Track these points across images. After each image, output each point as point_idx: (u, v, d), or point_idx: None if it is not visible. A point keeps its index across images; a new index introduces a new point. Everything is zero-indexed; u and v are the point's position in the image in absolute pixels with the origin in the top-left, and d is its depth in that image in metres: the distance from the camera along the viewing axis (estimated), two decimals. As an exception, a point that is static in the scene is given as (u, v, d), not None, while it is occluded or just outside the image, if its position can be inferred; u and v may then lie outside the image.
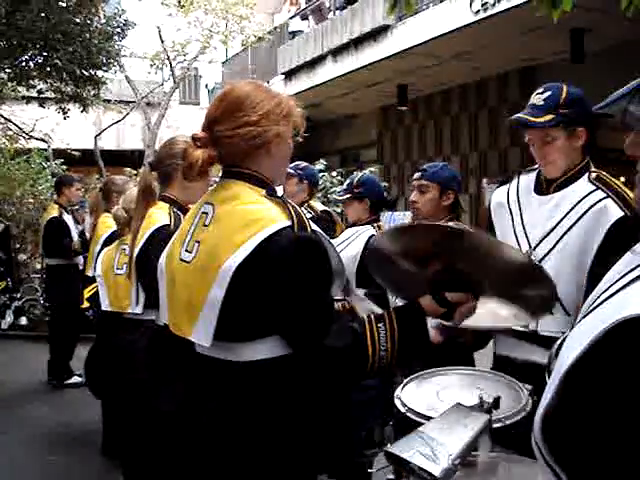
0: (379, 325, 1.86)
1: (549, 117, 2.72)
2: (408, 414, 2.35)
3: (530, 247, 2.79)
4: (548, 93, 2.76)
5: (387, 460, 1.81)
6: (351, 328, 1.85)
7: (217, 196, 1.96)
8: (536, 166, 2.96)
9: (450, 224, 2.99)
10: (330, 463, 3.53)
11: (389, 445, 1.81)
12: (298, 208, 1.91)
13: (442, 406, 2.34)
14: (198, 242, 1.92)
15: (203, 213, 1.96)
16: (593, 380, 0.99)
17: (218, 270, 1.81)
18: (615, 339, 0.96)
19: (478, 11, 9.28)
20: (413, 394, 2.46)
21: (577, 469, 1.02)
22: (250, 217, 1.84)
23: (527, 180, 2.98)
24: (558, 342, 2.07)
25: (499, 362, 2.92)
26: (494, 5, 9.02)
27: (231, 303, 1.81)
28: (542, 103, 2.76)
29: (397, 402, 2.45)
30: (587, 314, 1.09)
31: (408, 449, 1.74)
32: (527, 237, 2.82)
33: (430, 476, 1.65)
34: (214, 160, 1.96)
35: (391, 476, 1.89)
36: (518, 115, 2.79)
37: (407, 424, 2.27)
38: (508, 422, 2.13)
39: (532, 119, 2.75)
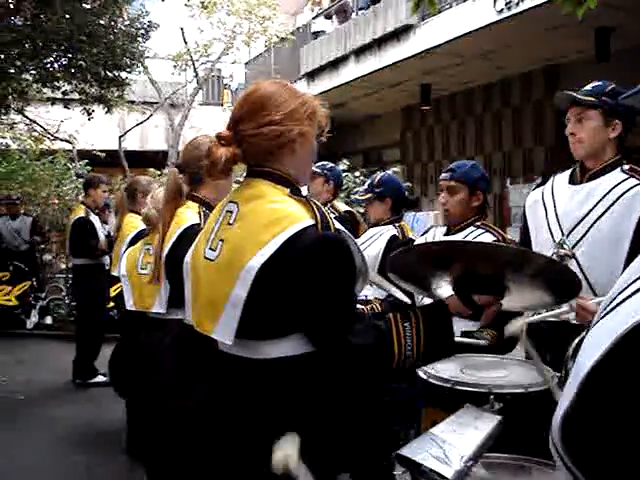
0: (405, 324, 1.85)
1: (591, 98, 2.86)
2: (430, 380, 2.38)
3: (563, 235, 2.84)
4: (598, 83, 2.92)
5: (399, 463, 1.80)
6: (376, 326, 1.84)
7: (241, 195, 1.97)
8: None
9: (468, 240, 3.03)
10: (354, 463, 3.52)
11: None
12: (322, 207, 1.91)
13: (465, 378, 2.36)
14: (222, 240, 1.92)
15: (227, 212, 1.96)
16: (613, 383, 0.98)
17: (242, 268, 1.81)
18: (635, 341, 0.94)
19: (502, 10, 9.22)
20: (437, 366, 2.50)
21: (596, 472, 1.01)
22: (274, 216, 1.84)
23: (562, 177, 3.07)
24: (576, 341, 2.07)
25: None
26: (518, 4, 8.95)
27: (254, 301, 1.81)
28: (589, 89, 2.91)
29: (420, 372, 2.48)
30: (606, 314, 1.07)
31: (420, 452, 1.73)
32: (560, 226, 2.88)
33: (442, 478, 1.64)
34: (238, 158, 1.96)
35: (409, 478, 1.89)
36: (566, 91, 2.93)
37: (427, 390, 2.32)
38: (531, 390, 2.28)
39: (576, 95, 2.90)
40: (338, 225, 1.89)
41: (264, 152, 1.94)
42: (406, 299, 3.14)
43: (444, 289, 2.13)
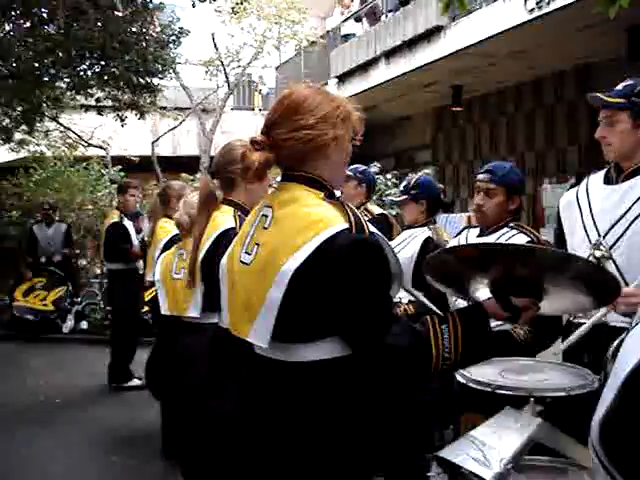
0: (443, 327, 1.84)
1: (620, 100, 2.80)
2: (469, 384, 2.36)
3: (599, 236, 2.80)
4: (629, 82, 2.86)
5: (438, 465, 1.80)
6: (413, 329, 1.84)
7: (276, 199, 1.97)
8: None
9: (511, 243, 3.01)
10: (388, 464, 3.51)
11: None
12: (356, 210, 1.91)
13: (505, 382, 2.35)
14: (258, 244, 1.93)
15: (263, 216, 1.97)
16: None
17: (277, 272, 1.82)
18: None
19: (532, 9, 9.15)
20: (472, 370, 2.48)
21: (634, 474, 1.00)
22: (309, 220, 1.84)
23: (597, 177, 3.03)
24: (615, 343, 2.05)
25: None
26: (549, 3, 8.87)
27: (289, 304, 1.82)
28: (620, 89, 2.86)
29: (457, 376, 2.46)
30: None
31: (459, 454, 1.73)
32: (596, 226, 2.84)
33: (481, 481, 1.63)
34: (272, 163, 1.97)
35: (446, 480, 1.88)
36: (596, 94, 2.88)
37: (465, 394, 2.30)
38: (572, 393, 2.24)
39: (604, 98, 2.83)
40: (372, 228, 1.89)
41: (298, 156, 1.94)
42: (435, 308, 3.13)
43: (481, 291, 2.12)
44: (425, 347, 1.81)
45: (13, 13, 10.78)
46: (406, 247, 4.12)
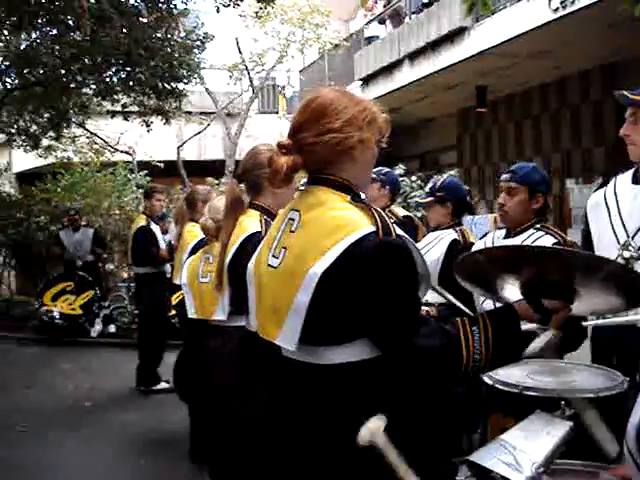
0: (473, 328, 1.84)
1: None
2: (497, 385, 2.35)
3: (628, 237, 2.77)
4: None
5: (468, 469, 1.79)
6: (444, 329, 1.84)
7: (303, 202, 1.98)
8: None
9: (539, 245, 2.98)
10: (417, 468, 3.50)
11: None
12: (383, 213, 1.91)
13: (533, 383, 2.34)
14: (285, 248, 1.94)
15: (289, 219, 1.98)
16: None
17: (304, 275, 1.83)
18: None
19: (557, 9, 9.08)
20: (501, 372, 2.47)
21: None
22: (336, 223, 1.85)
23: (624, 177, 2.99)
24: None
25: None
26: (573, 2, 8.80)
27: (317, 308, 1.82)
28: None
29: (485, 377, 2.45)
30: None
31: (490, 458, 1.72)
32: (624, 227, 2.80)
33: (513, 485, 1.62)
34: (299, 167, 1.97)
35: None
36: (622, 92, 2.85)
37: (492, 396, 2.28)
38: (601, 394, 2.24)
39: (630, 95, 2.82)
40: (399, 231, 1.89)
41: (325, 160, 1.95)
42: (465, 308, 3.11)
43: (512, 293, 2.11)
44: (456, 348, 1.81)
45: (39, 21, 10.90)
46: (432, 249, 4.11)
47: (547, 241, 3.26)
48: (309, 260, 1.83)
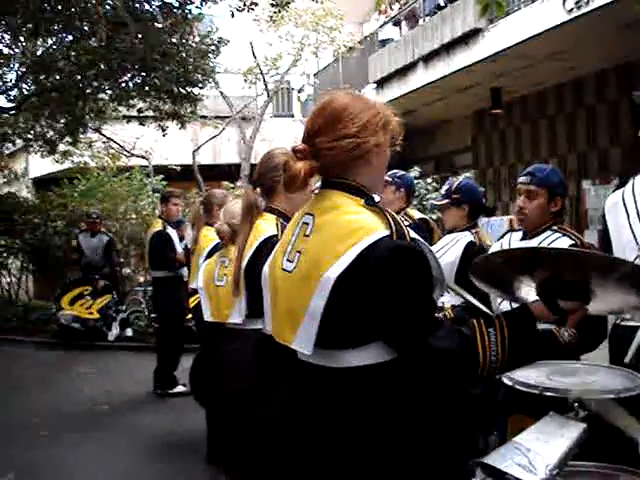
0: (489, 330, 1.83)
1: None
2: (517, 386, 2.34)
3: None
4: None
5: (482, 471, 1.79)
6: (460, 331, 1.84)
7: (317, 206, 1.98)
8: None
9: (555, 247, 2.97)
10: (433, 470, 3.50)
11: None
12: (397, 217, 1.91)
13: (553, 384, 2.33)
14: (299, 252, 1.94)
15: (304, 223, 1.98)
16: None
17: (319, 279, 1.83)
18: None
19: (572, 9, 9.06)
20: (520, 373, 2.47)
21: None
22: (350, 227, 1.85)
23: None
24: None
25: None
26: (588, 3, 8.77)
27: (332, 311, 1.83)
28: None
29: (504, 378, 2.44)
30: None
31: (504, 460, 1.72)
32: None
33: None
34: (314, 171, 1.97)
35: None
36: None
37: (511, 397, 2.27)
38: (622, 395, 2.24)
39: None
40: (413, 234, 1.89)
41: (340, 164, 1.95)
42: (484, 308, 3.11)
43: (528, 294, 2.10)
44: (472, 350, 1.81)
45: (55, 28, 10.99)
46: (448, 252, 4.10)
47: (564, 243, 3.24)
48: (324, 264, 1.83)
